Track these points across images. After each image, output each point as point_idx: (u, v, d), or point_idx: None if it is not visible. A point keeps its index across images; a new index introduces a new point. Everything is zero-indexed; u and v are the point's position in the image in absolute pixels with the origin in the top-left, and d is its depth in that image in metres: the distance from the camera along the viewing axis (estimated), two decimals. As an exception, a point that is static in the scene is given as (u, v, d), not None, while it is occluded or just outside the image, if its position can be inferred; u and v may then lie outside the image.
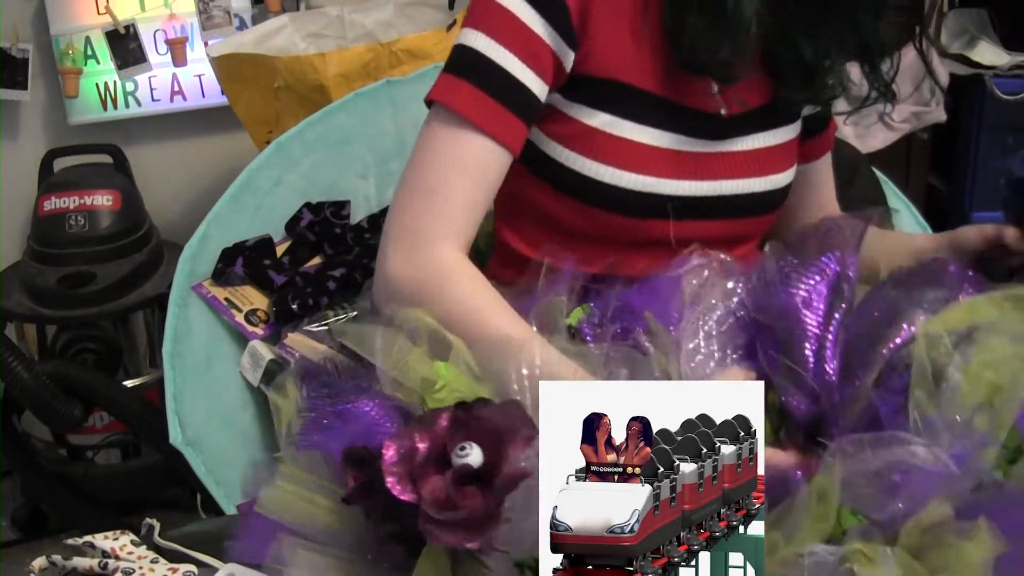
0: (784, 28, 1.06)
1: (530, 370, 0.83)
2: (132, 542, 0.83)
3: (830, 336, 0.89)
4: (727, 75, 1.03)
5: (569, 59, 1.01)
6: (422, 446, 0.70)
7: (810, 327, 0.89)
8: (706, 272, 0.97)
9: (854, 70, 1.16)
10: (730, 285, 0.95)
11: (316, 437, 0.85)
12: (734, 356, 0.92)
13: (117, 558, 0.81)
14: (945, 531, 0.72)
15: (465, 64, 0.99)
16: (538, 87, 1.00)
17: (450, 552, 0.72)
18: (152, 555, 0.82)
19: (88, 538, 0.83)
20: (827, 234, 0.98)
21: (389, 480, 0.69)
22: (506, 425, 0.70)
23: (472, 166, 0.97)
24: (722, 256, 0.98)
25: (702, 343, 0.91)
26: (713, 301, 0.94)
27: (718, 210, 1.07)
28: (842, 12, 1.07)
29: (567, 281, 0.96)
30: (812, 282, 0.91)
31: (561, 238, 1.04)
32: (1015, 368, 0.82)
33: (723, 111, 1.07)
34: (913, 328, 0.86)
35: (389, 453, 0.70)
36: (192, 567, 0.80)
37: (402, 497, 0.69)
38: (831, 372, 0.87)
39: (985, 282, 0.94)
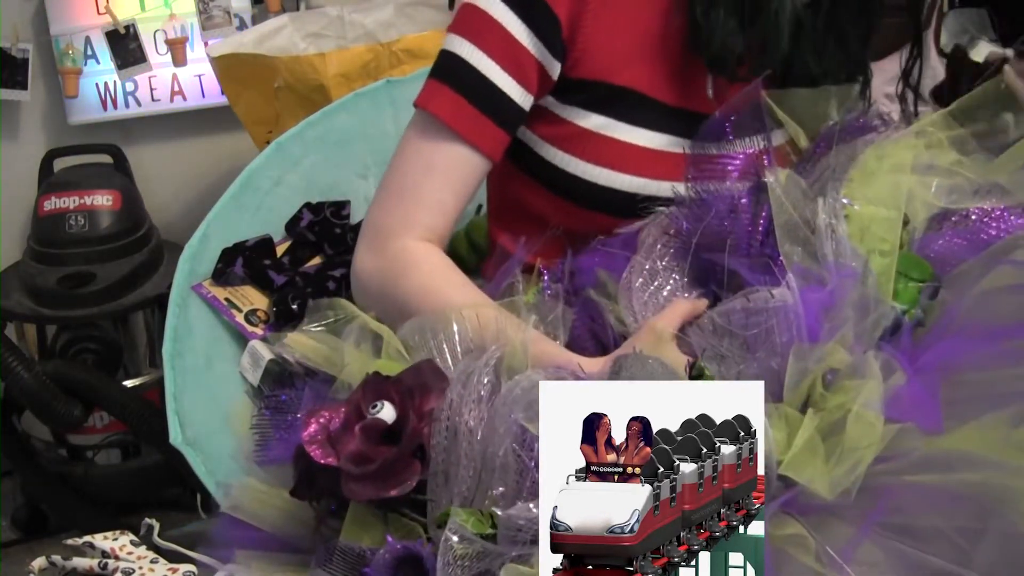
0: (803, 39, 1.05)
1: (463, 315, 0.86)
2: (132, 542, 0.83)
3: (759, 236, 0.89)
4: (736, 74, 1.02)
5: (555, 68, 1.01)
6: (340, 413, 0.75)
7: (740, 236, 0.90)
8: (656, 226, 0.98)
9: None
10: (664, 220, 0.96)
11: (272, 453, 0.89)
12: (682, 282, 0.93)
13: (117, 558, 0.81)
14: (843, 376, 0.73)
15: (448, 70, 1.01)
16: (520, 95, 1.01)
17: (380, 513, 0.75)
18: (152, 555, 0.82)
19: (88, 538, 0.83)
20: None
21: (311, 450, 0.74)
22: (417, 382, 0.76)
23: (444, 168, 1.00)
24: (671, 209, 0.98)
25: (649, 279, 0.92)
26: (652, 239, 0.95)
27: None
28: (842, 32, 1.07)
29: (518, 262, 0.97)
30: (732, 190, 0.92)
31: (555, 239, 1.04)
32: (904, 199, 0.85)
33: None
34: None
35: (309, 427, 0.75)
36: (192, 567, 0.80)
37: (323, 462, 0.74)
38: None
39: None
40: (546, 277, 0.99)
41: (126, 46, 2.22)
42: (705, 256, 0.92)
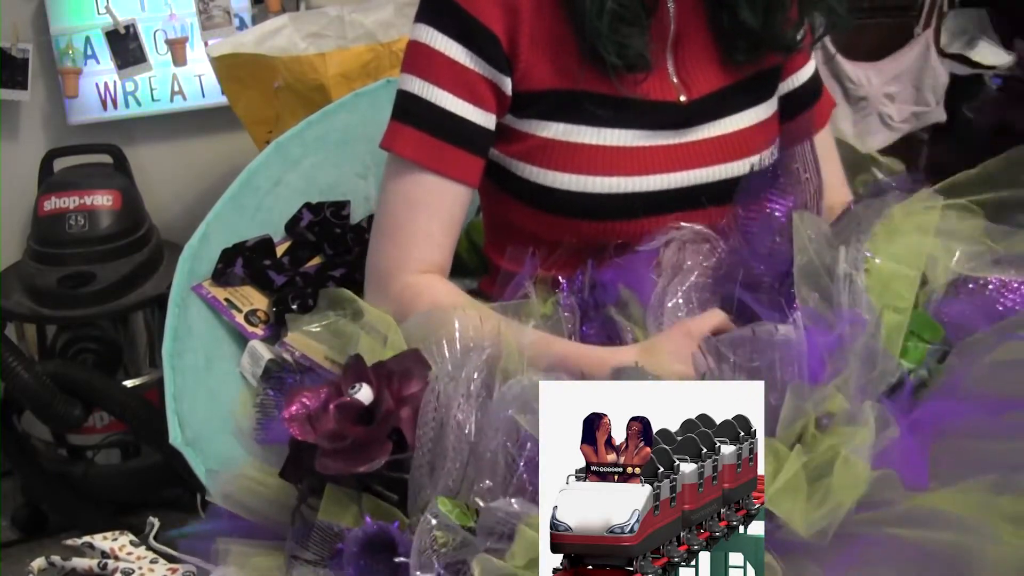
0: None
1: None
2: (131, 542, 0.83)
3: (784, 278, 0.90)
4: (636, 62, 1.01)
5: (506, 84, 1.02)
6: (322, 394, 0.79)
7: (772, 278, 0.91)
8: (683, 242, 0.99)
9: (856, 69, 1.16)
10: (703, 252, 0.97)
11: (270, 433, 0.91)
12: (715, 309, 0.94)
13: (116, 558, 0.81)
14: (838, 421, 0.74)
15: (404, 109, 1.03)
16: (480, 117, 1.02)
17: (357, 495, 0.77)
18: (151, 555, 0.82)
19: (87, 538, 0.83)
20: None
21: (291, 427, 0.78)
22: (399, 368, 0.79)
23: (424, 203, 1.02)
24: (697, 227, 1.00)
25: (681, 303, 0.93)
26: (688, 264, 0.95)
27: (696, 199, 1.06)
28: None
29: (529, 274, 0.98)
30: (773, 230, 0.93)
31: (544, 252, 1.04)
32: (925, 260, 0.86)
33: (683, 98, 1.06)
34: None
35: (291, 406, 0.79)
36: (192, 568, 0.80)
37: (302, 439, 0.77)
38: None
39: None
40: (565, 289, 0.99)
41: (126, 46, 2.22)
42: (733, 289, 0.92)
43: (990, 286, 0.88)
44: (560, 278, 1.00)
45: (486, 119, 1.03)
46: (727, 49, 1.07)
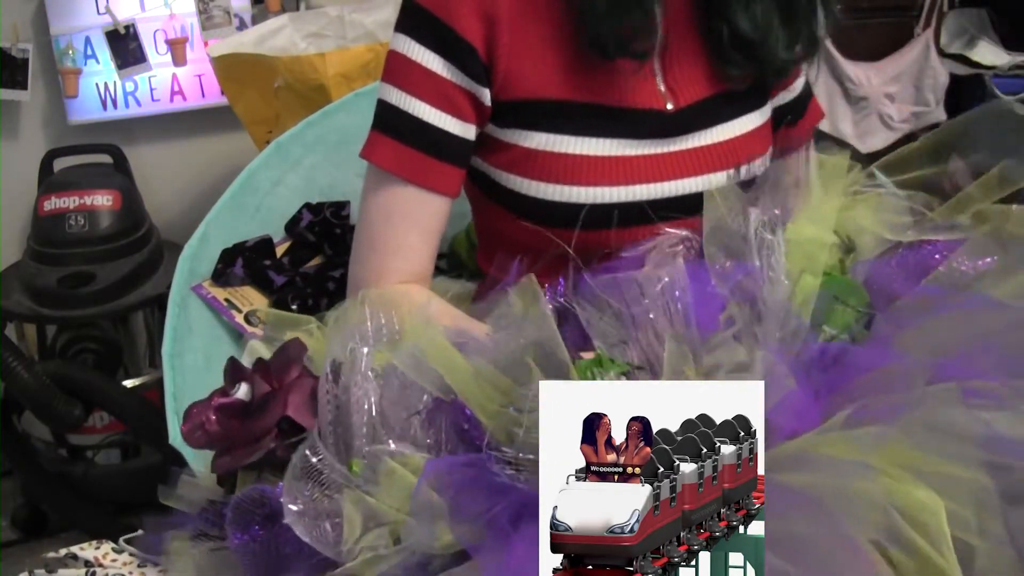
0: (711, 2, 1.04)
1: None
2: (113, 549, 0.83)
3: None
4: (638, 52, 1.00)
5: (485, 95, 1.01)
6: (209, 402, 0.82)
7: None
8: (668, 247, 0.97)
9: (856, 69, 1.15)
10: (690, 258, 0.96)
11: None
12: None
13: (101, 566, 0.81)
14: (729, 369, 0.74)
15: (383, 119, 1.04)
16: (458, 128, 1.02)
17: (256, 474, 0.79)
18: (136, 560, 0.82)
19: (70, 549, 0.83)
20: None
21: (189, 442, 0.81)
22: (276, 360, 0.82)
23: (403, 215, 1.02)
24: (683, 232, 0.97)
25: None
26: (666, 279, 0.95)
27: (685, 209, 1.03)
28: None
29: (512, 280, 0.98)
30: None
31: (531, 260, 1.04)
32: (857, 221, 0.86)
33: (669, 106, 1.04)
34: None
35: (185, 422, 0.82)
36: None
37: (197, 447, 0.81)
38: None
39: None
40: (548, 294, 0.98)
41: (126, 46, 2.22)
42: None
43: (924, 251, 0.87)
44: (546, 285, 0.99)
45: (465, 130, 1.02)
46: (720, 62, 1.06)
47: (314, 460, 0.73)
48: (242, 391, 0.81)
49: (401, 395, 0.77)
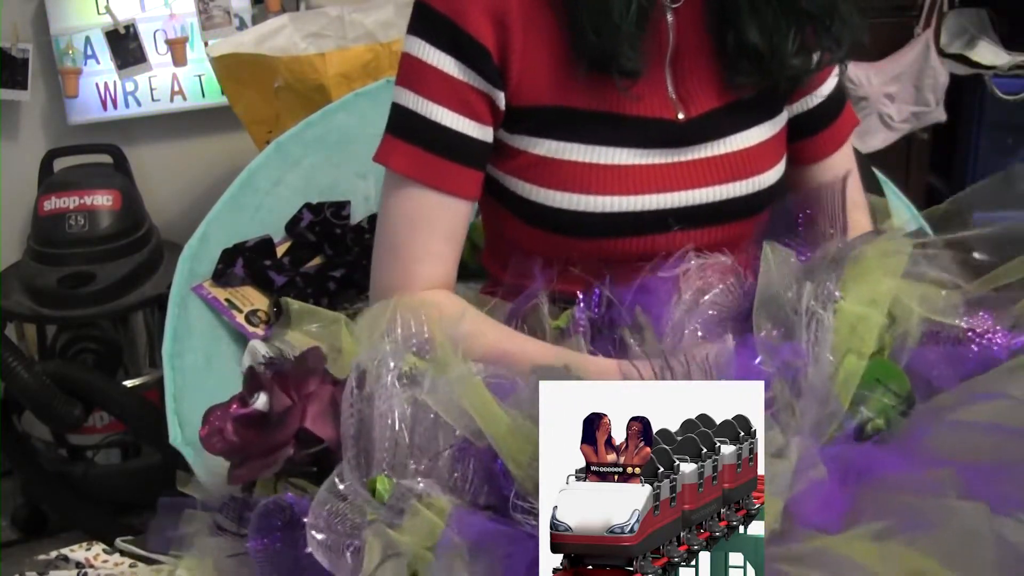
0: (722, 10, 1.02)
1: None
2: (104, 550, 0.83)
3: None
4: (627, 70, 0.99)
5: (500, 98, 1.01)
6: (229, 409, 0.81)
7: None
8: (701, 274, 0.96)
9: (856, 69, 1.14)
10: (727, 284, 0.95)
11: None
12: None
13: (92, 567, 0.81)
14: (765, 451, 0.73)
15: (399, 124, 1.02)
16: (476, 131, 1.01)
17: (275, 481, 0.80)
18: (128, 560, 0.82)
19: (63, 551, 0.83)
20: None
21: (207, 447, 0.81)
22: (296, 370, 0.81)
23: (425, 220, 1.01)
24: (722, 258, 0.97)
25: (701, 334, 0.92)
26: (707, 299, 0.94)
27: (696, 219, 1.04)
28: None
29: (542, 287, 0.97)
30: None
31: (516, 257, 1.03)
32: (903, 302, 0.84)
33: (680, 115, 1.03)
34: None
35: (204, 426, 0.81)
36: (173, 565, 0.80)
37: (214, 452, 0.81)
38: None
39: None
40: (581, 305, 0.98)
41: (126, 46, 2.22)
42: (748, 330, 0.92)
43: (961, 335, 0.86)
44: (578, 292, 0.99)
45: (483, 132, 1.01)
46: (729, 70, 1.04)
47: (341, 487, 0.73)
48: (261, 401, 0.80)
49: (432, 426, 0.76)
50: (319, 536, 0.71)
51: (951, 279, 0.91)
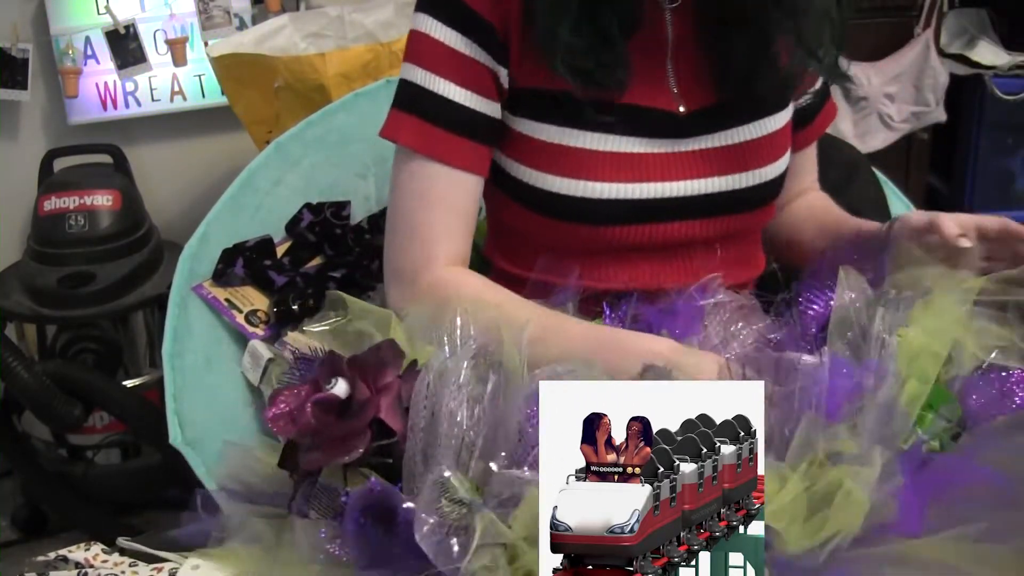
0: (711, 21, 1.03)
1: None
2: (103, 550, 0.83)
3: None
4: (604, 84, 0.99)
5: (503, 75, 1.01)
6: (302, 392, 0.81)
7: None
8: (726, 311, 0.97)
9: (856, 69, 1.15)
10: (754, 323, 0.97)
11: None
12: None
13: (92, 567, 0.81)
14: (846, 460, 0.75)
15: (407, 98, 1.02)
16: (483, 105, 1.01)
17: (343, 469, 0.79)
18: (128, 559, 0.82)
19: (62, 552, 0.82)
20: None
21: (275, 427, 0.81)
22: (373, 360, 0.81)
23: (439, 197, 1.01)
24: (743, 299, 0.98)
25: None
26: (739, 335, 0.95)
27: (696, 210, 1.04)
28: None
29: (570, 295, 0.97)
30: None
31: (545, 255, 1.03)
32: (957, 338, 0.86)
33: (682, 108, 1.04)
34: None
35: (274, 406, 0.82)
36: (177, 566, 0.80)
37: (284, 436, 0.80)
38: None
39: None
40: (607, 314, 0.98)
41: (126, 46, 2.22)
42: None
43: (1012, 377, 0.89)
44: (604, 305, 0.99)
45: (490, 107, 1.02)
46: (725, 67, 1.05)
47: (447, 475, 0.73)
48: (339, 387, 0.80)
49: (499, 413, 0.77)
50: (430, 521, 0.71)
51: (1008, 334, 0.93)
